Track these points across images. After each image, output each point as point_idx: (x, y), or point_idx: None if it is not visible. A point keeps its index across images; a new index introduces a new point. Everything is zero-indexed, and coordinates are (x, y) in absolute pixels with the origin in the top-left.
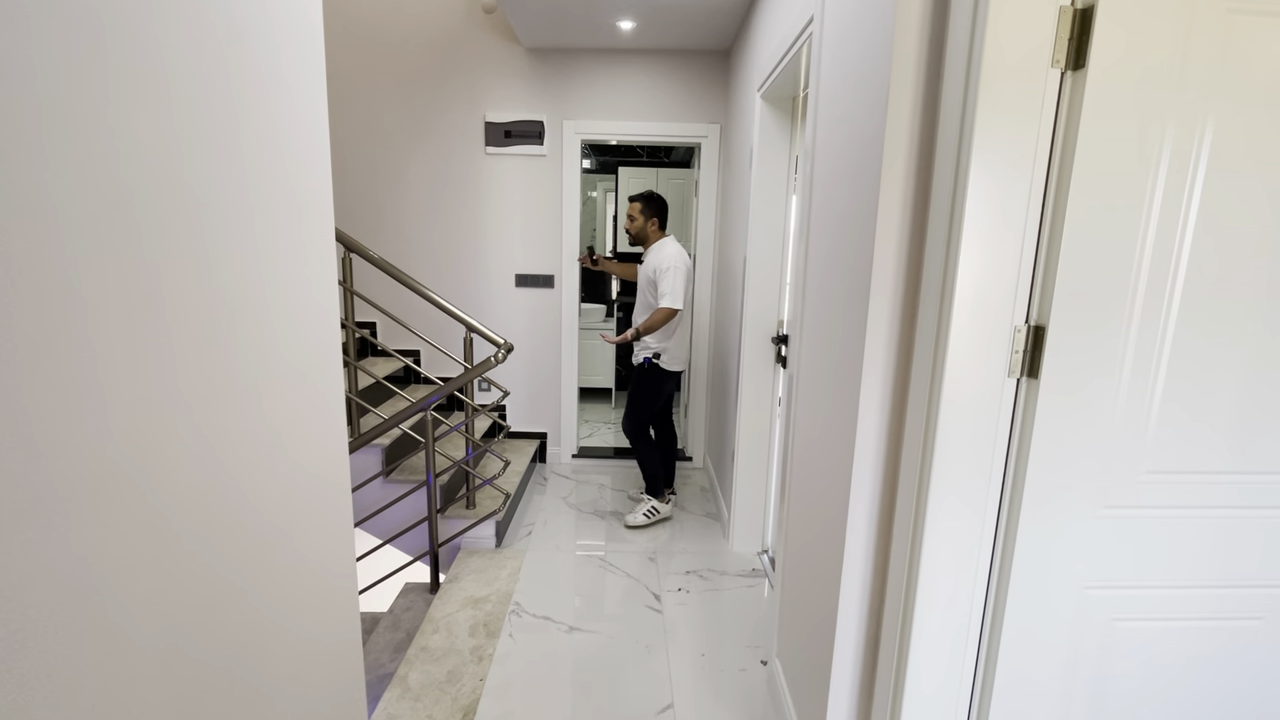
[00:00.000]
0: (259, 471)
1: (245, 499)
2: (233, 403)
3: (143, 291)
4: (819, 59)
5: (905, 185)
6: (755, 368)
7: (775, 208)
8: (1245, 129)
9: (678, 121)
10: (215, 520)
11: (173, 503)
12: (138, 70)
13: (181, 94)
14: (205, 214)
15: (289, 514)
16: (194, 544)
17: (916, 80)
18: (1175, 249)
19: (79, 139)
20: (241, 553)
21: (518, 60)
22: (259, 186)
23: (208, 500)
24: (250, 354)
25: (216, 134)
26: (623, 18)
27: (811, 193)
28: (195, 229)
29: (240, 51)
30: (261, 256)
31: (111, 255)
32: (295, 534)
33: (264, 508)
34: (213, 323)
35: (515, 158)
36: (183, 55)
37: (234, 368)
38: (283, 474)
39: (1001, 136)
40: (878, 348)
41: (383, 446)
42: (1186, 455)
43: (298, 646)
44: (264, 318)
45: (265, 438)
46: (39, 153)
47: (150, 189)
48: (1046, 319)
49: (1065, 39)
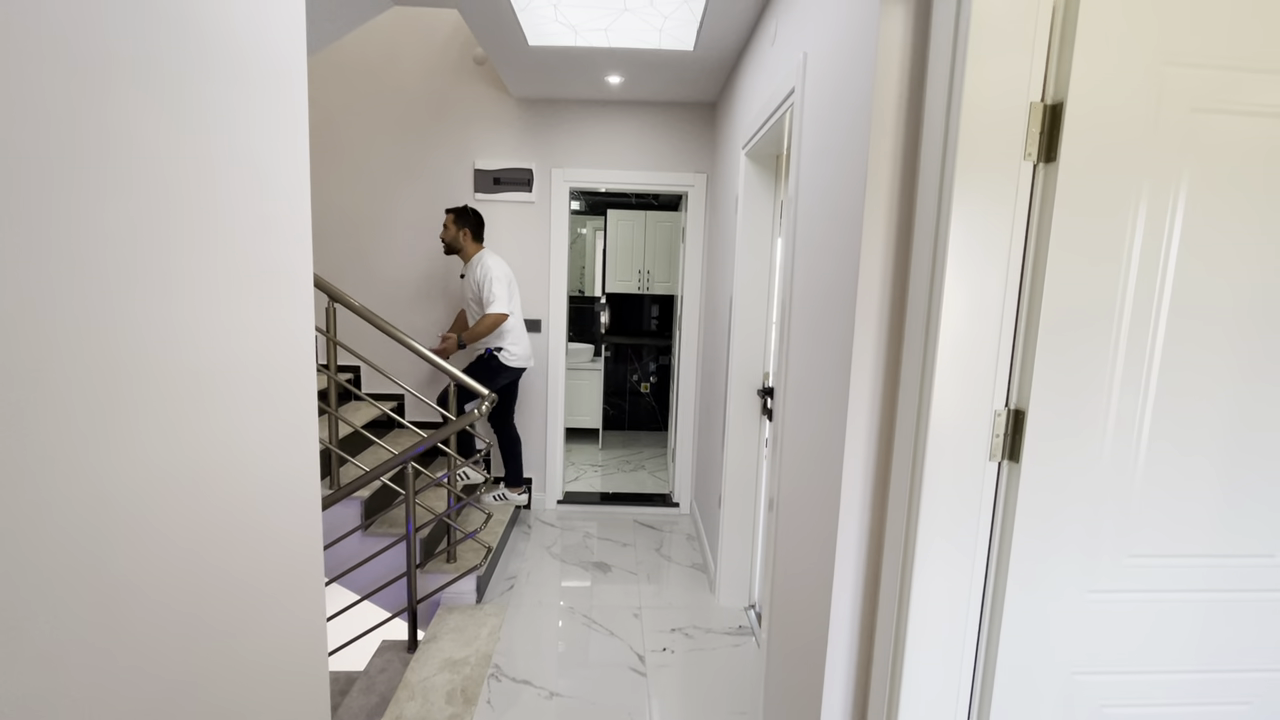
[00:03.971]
0: (225, 559)
1: (209, 588)
2: (200, 485)
3: (106, 371)
4: (800, 129)
5: (884, 265)
6: (741, 419)
7: (760, 257)
8: (1212, 218)
9: (665, 171)
10: (171, 620)
11: (128, 595)
12: (111, 157)
13: (153, 176)
14: (173, 286)
15: (251, 600)
16: (152, 639)
17: (894, 163)
18: (1150, 337)
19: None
20: (200, 649)
21: (508, 110)
22: (231, 258)
23: (167, 596)
24: (219, 431)
25: (187, 206)
26: (611, 73)
27: (794, 261)
28: (162, 302)
29: (221, 135)
30: (236, 330)
31: (75, 336)
32: (249, 631)
33: (227, 595)
34: (178, 403)
35: (504, 204)
36: (159, 141)
37: (201, 449)
38: (243, 570)
39: (977, 225)
40: (859, 425)
41: (362, 499)
42: (1169, 539)
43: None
44: (235, 393)
45: (233, 521)
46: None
47: (116, 260)
48: (1026, 403)
49: (1036, 134)
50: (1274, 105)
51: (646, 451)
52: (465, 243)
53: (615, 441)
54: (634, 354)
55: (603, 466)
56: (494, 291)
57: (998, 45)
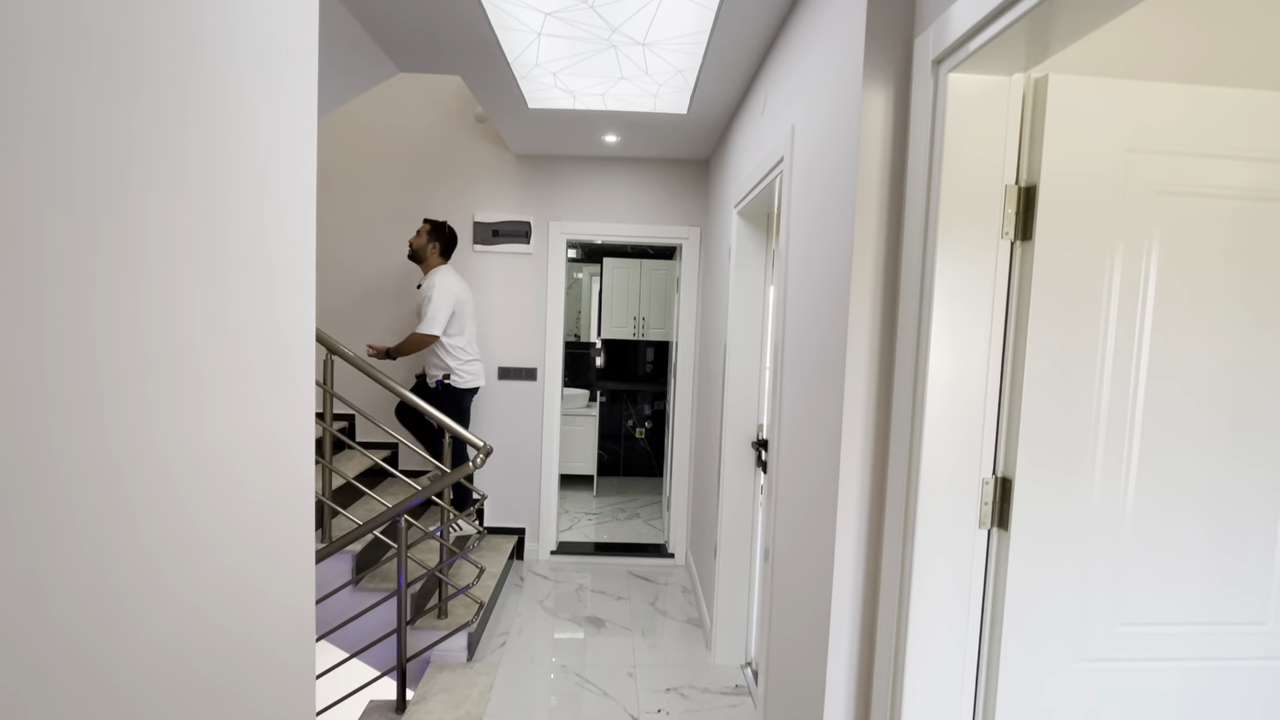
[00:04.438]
0: (217, 627)
1: (200, 655)
2: (200, 556)
3: (110, 450)
4: (789, 195)
5: (871, 333)
6: (736, 470)
7: (753, 310)
8: (1183, 290)
9: (660, 224)
10: (161, 685)
11: (121, 666)
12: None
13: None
14: (180, 366)
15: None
16: (141, 704)
17: (878, 233)
18: (1130, 403)
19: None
20: (189, 714)
21: (507, 165)
22: (238, 335)
23: (156, 665)
24: (219, 504)
25: (198, 280)
26: (607, 132)
27: (785, 322)
28: (166, 381)
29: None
30: (238, 401)
31: (79, 419)
32: (239, 694)
33: (217, 662)
34: (180, 480)
35: (502, 255)
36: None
37: (201, 523)
38: (234, 636)
39: (959, 299)
40: (851, 484)
41: (354, 553)
42: (1160, 604)
43: None
44: (236, 466)
45: (228, 588)
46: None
47: (126, 338)
48: (1013, 471)
49: (1013, 214)
50: (1233, 188)
51: (641, 499)
52: (431, 255)
53: (610, 488)
54: (629, 399)
55: (597, 515)
56: (431, 312)
57: (973, 131)
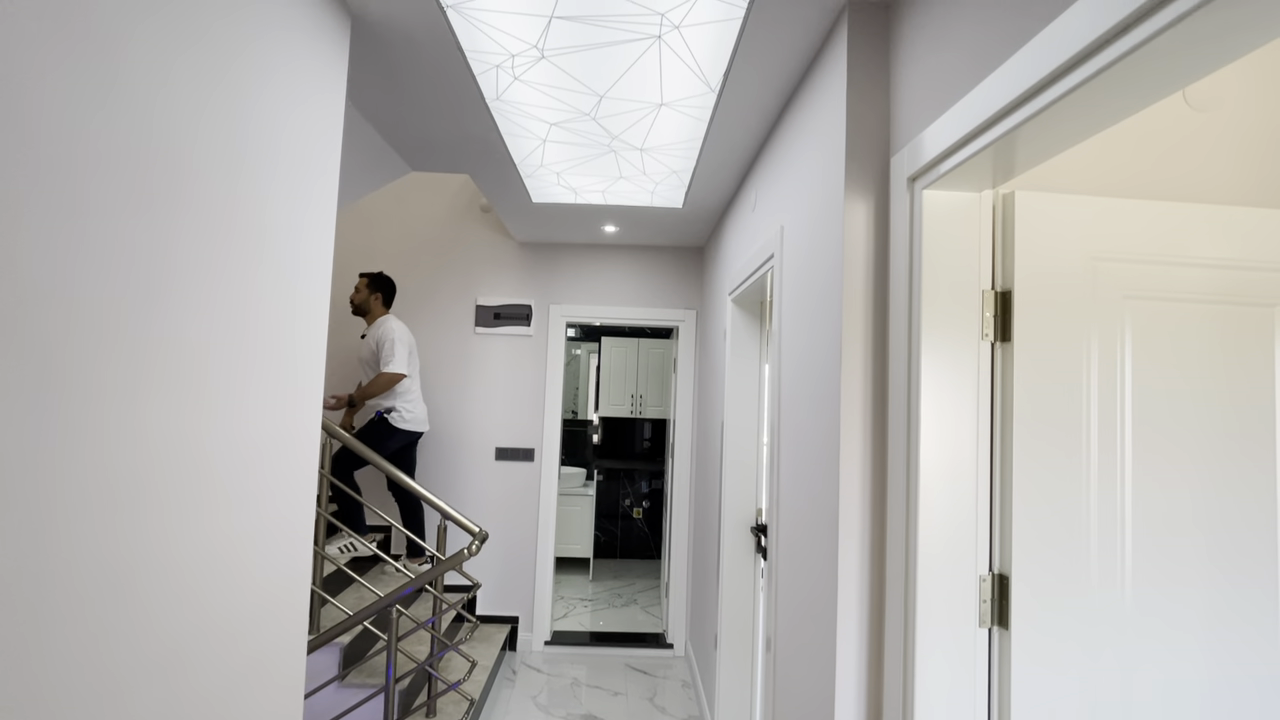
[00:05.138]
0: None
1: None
2: (193, 661)
3: (118, 572)
4: (780, 289)
5: (863, 428)
6: (736, 557)
7: (749, 395)
8: (1158, 383)
9: (656, 307)
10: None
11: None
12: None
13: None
14: (193, 501)
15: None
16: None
17: (865, 335)
18: (1118, 496)
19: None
20: None
21: (510, 251)
22: (246, 458)
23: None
24: (216, 607)
25: (215, 394)
26: (607, 223)
27: (780, 412)
28: (175, 492)
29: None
30: (240, 505)
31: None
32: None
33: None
34: (180, 597)
35: (503, 337)
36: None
37: (197, 626)
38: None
39: (946, 399)
40: (850, 576)
41: (341, 645)
42: (1166, 707)
43: None
44: (233, 568)
45: (222, 691)
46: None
47: (143, 467)
48: (1009, 568)
49: (991, 318)
50: (1196, 292)
51: (639, 583)
52: (375, 305)
53: (606, 571)
54: (626, 477)
55: (593, 601)
56: (392, 352)
57: (949, 241)
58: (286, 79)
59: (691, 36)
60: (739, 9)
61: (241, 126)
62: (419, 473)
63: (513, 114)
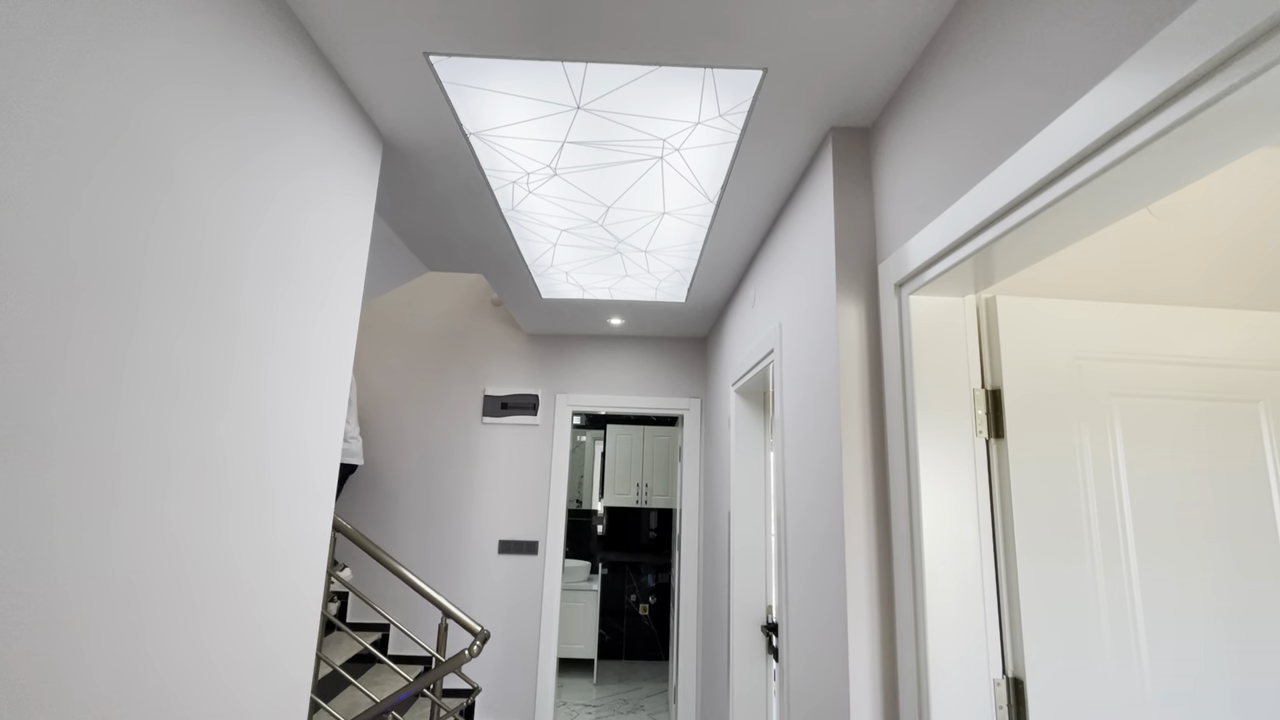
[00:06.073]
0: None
1: None
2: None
3: (125, 690)
4: (781, 383)
5: (867, 527)
6: (746, 658)
7: (755, 486)
8: (1151, 476)
9: (661, 396)
10: None
11: None
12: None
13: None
14: (198, 620)
15: None
16: None
17: (864, 431)
18: (1128, 591)
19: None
20: None
21: (518, 343)
22: (259, 570)
23: None
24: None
25: (238, 500)
26: (613, 316)
27: (786, 509)
28: (191, 610)
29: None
30: (252, 649)
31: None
32: None
33: None
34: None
35: (509, 427)
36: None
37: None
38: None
39: (945, 497)
40: (863, 687)
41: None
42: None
43: None
44: (238, 684)
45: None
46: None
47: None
48: (1023, 670)
49: (983, 415)
50: (1178, 389)
51: (646, 687)
52: None
53: (611, 674)
54: (632, 570)
55: (597, 708)
56: None
57: (937, 342)
58: (322, 203)
59: (691, 157)
60: (733, 135)
61: (282, 247)
62: (421, 564)
63: (526, 222)
